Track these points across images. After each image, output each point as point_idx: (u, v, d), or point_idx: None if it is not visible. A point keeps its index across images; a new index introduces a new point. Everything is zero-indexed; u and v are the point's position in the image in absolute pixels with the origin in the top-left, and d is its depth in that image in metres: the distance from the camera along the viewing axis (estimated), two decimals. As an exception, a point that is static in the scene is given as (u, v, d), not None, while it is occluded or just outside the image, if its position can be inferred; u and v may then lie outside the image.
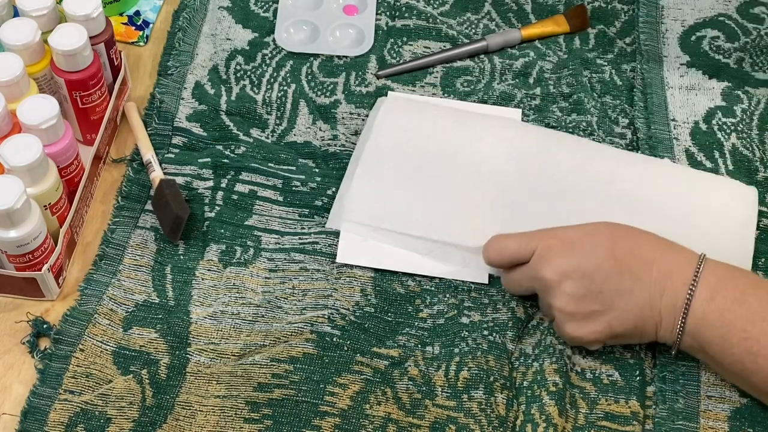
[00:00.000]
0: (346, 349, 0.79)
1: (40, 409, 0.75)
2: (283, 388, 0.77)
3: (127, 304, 0.82)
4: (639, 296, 0.72)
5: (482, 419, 0.76)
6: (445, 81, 0.97)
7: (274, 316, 0.81)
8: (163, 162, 0.90)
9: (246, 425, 0.75)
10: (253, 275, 0.84)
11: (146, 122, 0.93)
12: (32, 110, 0.79)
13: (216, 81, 0.96)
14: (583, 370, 0.79)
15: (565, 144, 0.90)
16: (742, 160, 0.91)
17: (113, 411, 0.75)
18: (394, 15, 1.02)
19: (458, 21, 1.02)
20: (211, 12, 1.01)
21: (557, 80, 0.97)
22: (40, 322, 0.80)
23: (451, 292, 0.83)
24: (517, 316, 0.81)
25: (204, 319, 0.81)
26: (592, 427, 0.76)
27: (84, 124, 0.89)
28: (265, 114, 0.94)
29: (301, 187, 0.89)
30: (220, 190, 0.89)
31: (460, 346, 0.80)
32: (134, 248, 0.85)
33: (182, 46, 0.98)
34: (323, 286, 0.83)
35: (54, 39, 0.82)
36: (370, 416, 0.76)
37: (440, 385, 0.78)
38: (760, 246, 0.85)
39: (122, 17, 1.02)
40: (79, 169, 0.85)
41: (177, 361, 0.78)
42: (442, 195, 0.86)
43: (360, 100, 0.95)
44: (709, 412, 0.77)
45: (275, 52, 0.99)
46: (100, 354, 0.79)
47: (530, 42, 1.00)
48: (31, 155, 0.76)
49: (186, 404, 0.76)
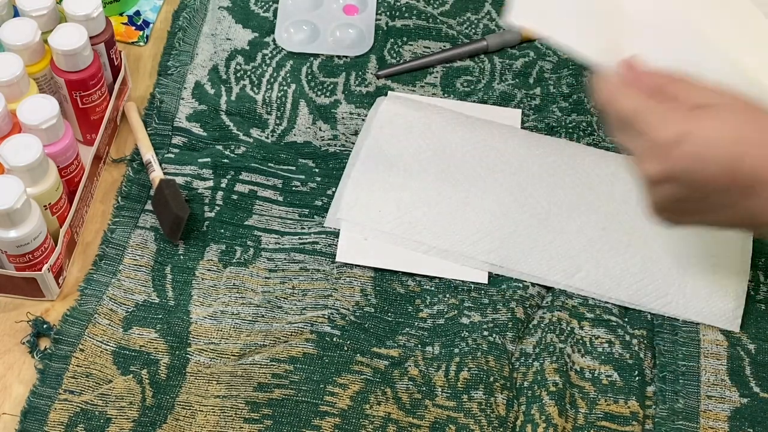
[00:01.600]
0: (346, 349, 0.79)
1: (40, 409, 0.75)
2: (283, 388, 0.77)
3: (127, 304, 0.82)
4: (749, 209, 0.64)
5: (482, 419, 0.76)
6: (445, 81, 0.97)
7: (274, 316, 0.81)
8: (163, 162, 0.90)
9: (246, 425, 0.75)
10: (253, 275, 0.84)
11: (146, 122, 0.93)
12: (32, 110, 0.79)
13: (216, 81, 0.96)
14: (582, 369, 0.79)
15: (559, 147, 0.90)
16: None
17: (113, 411, 0.75)
18: (394, 15, 1.02)
19: (458, 21, 1.02)
20: (211, 12, 1.01)
21: (557, 80, 0.97)
22: (40, 322, 0.80)
23: (451, 292, 0.83)
24: (516, 317, 0.81)
25: (204, 319, 0.81)
26: (592, 427, 0.76)
27: (84, 124, 0.89)
28: (265, 114, 0.94)
29: (301, 187, 0.89)
30: (220, 190, 0.89)
31: (460, 346, 0.80)
32: (134, 248, 0.85)
33: (182, 46, 0.98)
34: (323, 286, 0.83)
35: (54, 39, 0.82)
36: (370, 416, 0.76)
37: (440, 386, 0.78)
38: (761, 246, 0.85)
39: (122, 17, 1.02)
40: (79, 169, 0.85)
41: (177, 361, 0.78)
42: (438, 197, 0.86)
43: (360, 100, 0.95)
44: (709, 412, 0.77)
45: (275, 52, 0.99)
46: (100, 354, 0.79)
47: (530, 42, 1.00)
48: (31, 155, 0.76)
49: (186, 404, 0.76)
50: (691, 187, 0.63)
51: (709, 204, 0.64)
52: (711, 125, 0.62)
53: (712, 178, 0.62)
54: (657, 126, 0.63)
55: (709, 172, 0.62)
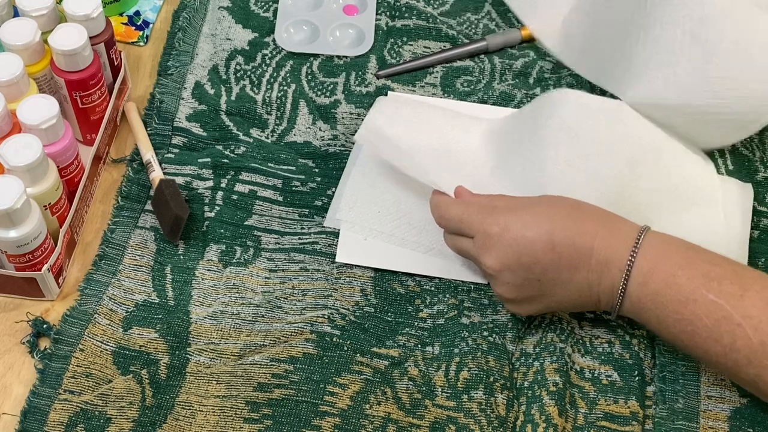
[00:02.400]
0: (346, 349, 0.79)
1: (40, 409, 0.75)
2: (283, 388, 0.77)
3: (127, 304, 0.82)
4: (578, 284, 0.74)
5: (482, 419, 0.76)
6: (445, 81, 0.97)
7: (274, 316, 0.81)
8: (163, 162, 0.90)
9: (246, 425, 0.75)
10: (253, 275, 0.84)
11: (146, 122, 0.93)
12: (32, 110, 0.79)
13: (216, 81, 0.96)
14: (582, 369, 0.79)
15: None
16: (742, 159, 0.91)
17: (113, 411, 0.75)
18: (394, 15, 1.02)
19: (458, 21, 1.02)
20: (211, 12, 1.01)
21: (557, 80, 0.97)
22: (40, 322, 0.80)
23: (451, 293, 0.83)
24: (516, 317, 0.81)
25: (204, 319, 0.81)
26: (592, 427, 0.76)
27: (84, 124, 0.89)
28: (265, 114, 0.94)
29: (301, 187, 0.89)
30: (219, 190, 0.89)
31: (460, 346, 0.80)
32: (134, 248, 0.85)
33: (182, 46, 0.98)
34: (323, 286, 0.83)
35: (54, 39, 0.82)
36: (370, 416, 0.76)
37: (440, 386, 0.78)
38: (761, 246, 0.85)
39: (122, 17, 1.02)
40: (79, 169, 0.85)
41: (177, 361, 0.78)
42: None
43: (360, 100, 0.95)
44: (709, 412, 0.77)
45: (275, 52, 0.99)
46: (100, 354, 0.79)
47: (530, 42, 1.00)
48: (31, 155, 0.76)
49: (186, 404, 0.76)
50: (524, 269, 0.73)
51: (546, 285, 0.74)
52: (528, 215, 0.74)
53: (540, 253, 0.72)
54: (483, 223, 0.75)
55: (535, 248, 0.72)
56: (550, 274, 0.73)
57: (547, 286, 0.74)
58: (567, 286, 0.74)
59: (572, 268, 0.73)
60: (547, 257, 0.72)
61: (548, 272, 0.73)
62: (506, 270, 0.74)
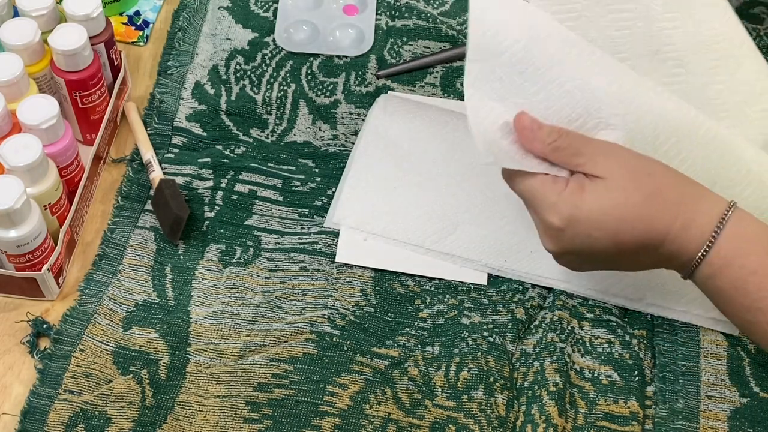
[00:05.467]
0: (346, 349, 0.79)
1: (40, 409, 0.75)
2: (283, 388, 0.77)
3: (127, 304, 0.82)
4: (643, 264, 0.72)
5: (482, 420, 0.76)
6: (445, 81, 0.97)
7: (274, 316, 0.81)
8: (163, 162, 0.90)
9: (246, 425, 0.75)
10: (253, 275, 0.84)
11: (146, 122, 0.93)
12: (32, 110, 0.79)
13: (216, 81, 0.96)
14: (582, 369, 0.79)
15: None
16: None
17: (113, 411, 0.76)
18: (394, 15, 1.02)
19: (458, 21, 1.02)
20: (211, 12, 1.01)
21: (557, 80, 0.97)
22: (40, 322, 0.80)
23: (451, 293, 0.83)
24: (516, 318, 0.81)
25: (204, 319, 0.81)
26: (592, 427, 0.76)
27: (84, 124, 0.89)
28: (265, 114, 0.94)
29: (300, 187, 0.89)
30: (219, 190, 0.89)
31: (460, 346, 0.80)
32: (134, 248, 0.85)
33: (182, 46, 0.98)
34: (323, 286, 0.83)
35: (54, 39, 0.82)
36: (370, 416, 0.76)
37: (440, 386, 0.78)
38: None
39: (122, 17, 1.02)
40: (79, 169, 0.85)
41: (177, 361, 0.78)
42: (432, 200, 0.86)
43: (360, 100, 0.95)
44: (709, 412, 0.77)
45: (275, 52, 0.99)
46: (100, 354, 0.79)
47: (530, 42, 1.00)
48: (31, 155, 0.76)
49: (186, 404, 0.76)
50: (587, 256, 0.71)
51: (607, 264, 0.73)
52: (596, 206, 0.68)
53: (603, 249, 0.69)
54: (547, 211, 0.70)
55: (599, 245, 0.69)
56: (618, 258, 0.71)
57: (609, 264, 0.73)
58: (631, 265, 0.73)
59: (637, 255, 0.70)
60: (611, 251, 0.70)
61: (611, 259, 0.72)
62: (567, 254, 0.72)
